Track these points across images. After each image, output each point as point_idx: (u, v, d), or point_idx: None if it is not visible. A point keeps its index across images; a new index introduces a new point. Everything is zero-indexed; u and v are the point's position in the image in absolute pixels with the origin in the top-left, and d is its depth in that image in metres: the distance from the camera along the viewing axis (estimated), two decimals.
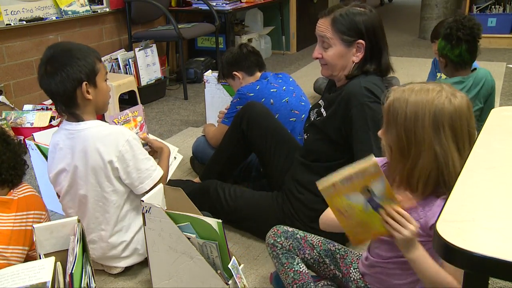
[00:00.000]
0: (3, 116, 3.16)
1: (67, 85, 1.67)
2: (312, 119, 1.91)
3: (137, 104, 3.87)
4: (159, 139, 2.08)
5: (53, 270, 1.43)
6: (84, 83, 1.69)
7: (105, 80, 1.79)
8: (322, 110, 1.86)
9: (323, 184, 1.25)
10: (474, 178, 1.04)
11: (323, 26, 1.79)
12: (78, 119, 1.74)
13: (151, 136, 2.05)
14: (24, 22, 3.37)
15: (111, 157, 1.71)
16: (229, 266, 1.56)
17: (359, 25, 1.75)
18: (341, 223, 1.30)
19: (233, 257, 1.59)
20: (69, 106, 1.72)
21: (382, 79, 1.83)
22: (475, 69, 2.65)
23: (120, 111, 3.62)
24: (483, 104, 2.62)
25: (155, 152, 1.98)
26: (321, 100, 1.91)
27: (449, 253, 0.82)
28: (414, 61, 4.81)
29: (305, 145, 1.99)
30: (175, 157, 2.21)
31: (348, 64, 1.79)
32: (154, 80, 4.14)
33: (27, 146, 2.18)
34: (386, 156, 1.36)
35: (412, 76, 4.26)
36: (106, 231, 1.80)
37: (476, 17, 5.65)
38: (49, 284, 1.38)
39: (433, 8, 6.03)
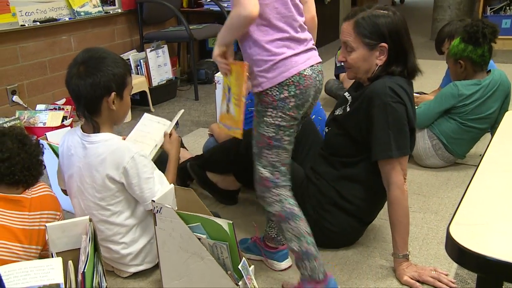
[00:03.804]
0: (16, 116, 3.19)
1: (96, 91, 1.66)
2: (337, 113, 1.92)
3: (148, 105, 3.90)
4: (171, 136, 2.08)
5: (63, 271, 1.44)
6: (113, 93, 1.68)
7: (129, 95, 1.79)
8: (348, 106, 1.87)
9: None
10: (488, 181, 1.03)
11: (346, 30, 1.80)
12: (94, 127, 1.72)
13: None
14: (38, 23, 3.40)
15: (114, 172, 1.69)
16: (239, 267, 1.56)
17: (381, 28, 1.74)
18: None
19: (243, 258, 1.59)
20: (91, 112, 1.71)
21: (409, 81, 1.82)
22: (489, 71, 2.63)
23: (131, 112, 3.65)
24: (499, 105, 2.61)
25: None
26: (349, 96, 1.91)
27: (462, 256, 0.82)
28: (426, 63, 4.77)
29: (325, 138, 2.02)
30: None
31: (371, 67, 1.80)
32: (165, 81, 4.16)
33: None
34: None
35: (424, 78, 4.21)
36: (112, 243, 1.79)
37: (490, 18, 5.60)
38: (63, 286, 1.39)
39: (445, 9, 5.99)
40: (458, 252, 0.82)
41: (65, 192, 1.88)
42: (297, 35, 1.57)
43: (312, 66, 1.60)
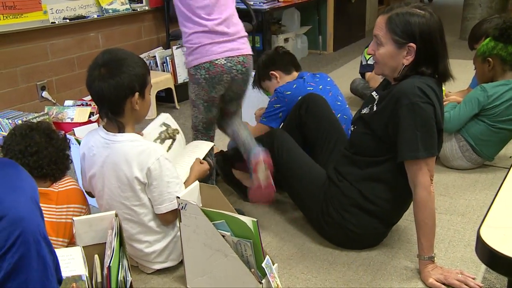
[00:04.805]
0: (45, 111, 3.24)
1: (120, 92, 1.66)
2: (364, 112, 1.90)
3: (173, 102, 3.92)
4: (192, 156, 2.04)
5: (83, 261, 1.46)
6: (137, 93, 1.69)
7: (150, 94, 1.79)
8: (375, 105, 1.85)
9: None
10: None
11: (379, 24, 1.78)
12: (119, 127, 1.73)
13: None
14: (68, 20, 3.46)
15: (139, 173, 1.69)
16: (263, 265, 1.56)
17: (413, 28, 1.71)
18: None
19: (267, 256, 1.59)
20: (115, 113, 1.71)
21: (438, 82, 1.79)
22: None
23: (156, 108, 3.68)
24: None
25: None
26: (376, 95, 1.90)
27: (493, 260, 0.80)
28: (454, 63, 4.67)
29: (350, 137, 2.00)
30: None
31: (398, 66, 1.77)
32: None
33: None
34: None
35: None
36: (136, 241, 1.80)
37: None
38: (85, 278, 1.41)
39: (476, 8, 5.86)
40: (489, 255, 0.80)
41: (89, 194, 1.89)
42: (218, 28, 2.00)
43: (230, 57, 2.02)
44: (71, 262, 1.45)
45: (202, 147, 2.12)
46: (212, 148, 2.18)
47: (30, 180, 1.00)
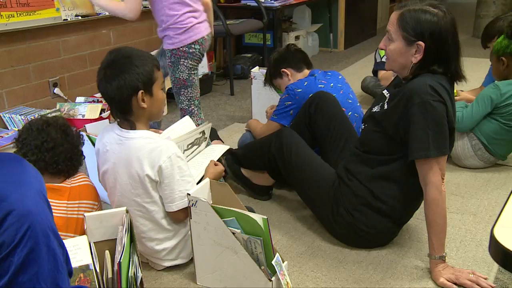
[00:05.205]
0: (57, 108, 3.27)
1: (123, 92, 1.66)
2: (375, 110, 1.89)
3: None
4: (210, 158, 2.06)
5: (89, 250, 1.47)
6: (140, 91, 1.68)
7: (161, 89, 1.79)
8: (386, 103, 1.84)
9: None
10: None
11: (392, 20, 1.77)
12: (131, 125, 1.74)
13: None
14: (80, 18, 3.47)
15: (150, 171, 1.69)
16: (273, 262, 1.56)
17: (423, 26, 1.69)
18: None
19: (277, 254, 1.59)
20: (123, 112, 1.72)
21: (451, 80, 1.77)
22: None
23: (167, 106, 3.69)
24: None
25: None
26: (387, 93, 1.89)
27: (507, 260, 0.79)
28: (467, 61, 4.62)
29: (361, 135, 1.99)
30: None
31: (407, 64, 1.76)
32: (201, 76, 4.18)
33: None
34: None
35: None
36: (146, 239, 1.80)
37: None
38: (92, 267, 1.42)
39: (490, 5, 5.79)
40: (502, 255, 0.79)
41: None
42: (199, 7, 2.55)
43: (208, 33, 2.62)
44: (78, 252, 1.46)
45: (217, 149, 2.12)
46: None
47: (36, 174, 1.01)
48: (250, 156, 2.32)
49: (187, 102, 2.59)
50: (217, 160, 2.05)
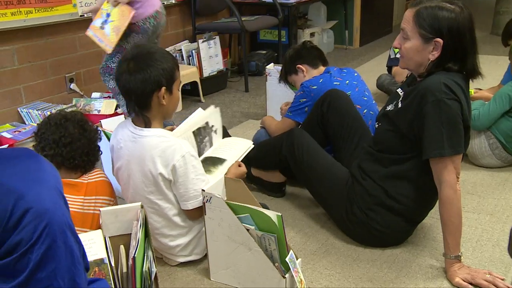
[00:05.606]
0: (73, 103, 3.30)
1: (146, 86, 1.66)
2: (389, 109, 1.88)
3: (198, 95, 3.94)
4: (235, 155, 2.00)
5: (104, 244, 1.48)
6: (163, 87, 1.69)
7: (178, 89, 1.80)
8: (400, 101, 1.82)
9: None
10: None
11: (407, 17, 1.74)
12: (146, 122, 1.73)
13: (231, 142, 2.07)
14: None
15: (164, 170, 1.69)
16: (287, 259, 1.56)
17: (441, 23, 1.67)
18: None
19: (291, 251, 1.59)
20: (142, 107, 1.72)
21: (466, 78, 1.75)
22: None
23: (182, 102, 3.70)
24: None
25: None
26: (401, 92, 1.87)
27: None
28: (485, 59, 4.52)
29: (375, 134, 1.98)
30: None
31: (423, 61, 1.73)
32: (216, 72, 4.19)
33: None
34: None
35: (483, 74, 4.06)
36: (160, 235, 1.81)
37: None
38: (107, 261, 1.43)
39: (510, 1, 5.69)
40: None
41: None
42: None
43: (161, 5, 2.81)
44: (92, 246, 1.47)
45: (241, 145, 2.06)
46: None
47: (52, 169, 1.01)
48: (261, 157, 2.30)
49: None
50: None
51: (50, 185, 0.97)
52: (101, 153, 1.87)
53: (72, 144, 1.72)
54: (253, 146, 2.09)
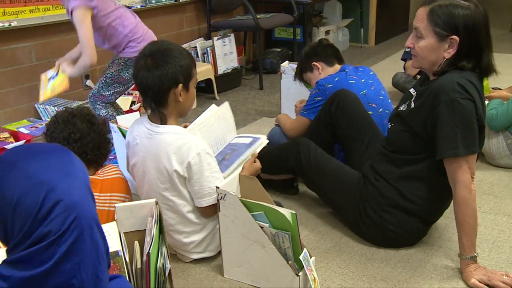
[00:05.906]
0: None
1: (164, 82, 1.67)
2: (401, 109, 1.86)
3: (213, 92, 3.95)
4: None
5: (119, 237, 1.48)
6: (180, 84, 1.69)
7: (195, 87, 1.80)
8: (412, 101, 1.81)
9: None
10: None
11: (420, 16, 1.72)
12: (162, 119, 1.74)
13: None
14: None
15: (179, 167, 1.69)
16: (301, 257, 1.55)
17: (456, 20, 1.65)
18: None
19: (305, 249, 1.58)
20: (158, 104, 1.72)
21: (480, 77, 1.73)
22: None
23: (196, 99, 3.71)
24: None
25: None
26: (414, 91, 1.85)
27: None
28: (503, 57, 4.49)
29: (388, 135, 1.96)
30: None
31: (438, 60, 1.71)
32: (230, 69, 4.19)
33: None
34: None
35: (500, 74, 4.01)
36: (174, 232, 1.82)
37: None
38: (121, 253, 1.44)
39: None
40: None
41: None
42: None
43: None
44: (107, 239, 1.48)
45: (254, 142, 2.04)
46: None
47: (81, 165, 1.04)
48: (268, 166, 2.23)
49: (113, 96, 2.77)
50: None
51: (80, 179, 0.99)
52: (112, 145, 1.87)
53: (82, 139, 1.73)
54: (267, 141, 2.08)
